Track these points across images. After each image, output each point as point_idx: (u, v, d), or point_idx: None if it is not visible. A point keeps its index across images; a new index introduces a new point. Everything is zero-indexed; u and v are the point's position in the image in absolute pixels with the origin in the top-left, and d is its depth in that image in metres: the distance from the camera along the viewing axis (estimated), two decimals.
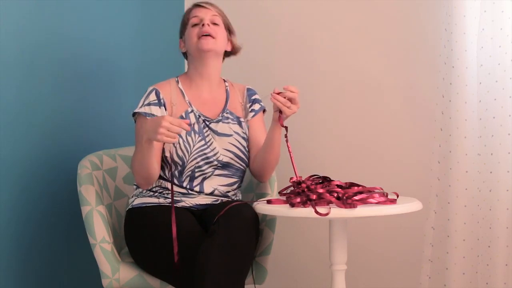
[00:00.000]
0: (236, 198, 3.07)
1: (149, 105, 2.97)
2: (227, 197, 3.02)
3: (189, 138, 2.96)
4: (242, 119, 3.07)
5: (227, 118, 3.04)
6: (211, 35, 2.98)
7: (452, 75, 3.05)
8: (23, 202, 3.10)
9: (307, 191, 2.70)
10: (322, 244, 3.34)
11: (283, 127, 2.90)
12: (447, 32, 3.07)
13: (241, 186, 3.14)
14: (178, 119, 2.71)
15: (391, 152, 3.42)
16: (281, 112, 2.86)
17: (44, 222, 3.17)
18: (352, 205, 2.60)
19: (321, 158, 3.54)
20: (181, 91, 3.03)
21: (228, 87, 3.10)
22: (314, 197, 2.66)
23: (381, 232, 3.44)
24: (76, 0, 3.27)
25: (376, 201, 2.66)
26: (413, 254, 3.30)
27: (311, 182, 2.77)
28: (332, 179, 2.84)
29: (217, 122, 3.02)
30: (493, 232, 2.99)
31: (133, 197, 3.03)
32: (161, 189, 2.99)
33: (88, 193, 2.97)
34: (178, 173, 2.97)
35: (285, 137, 2.89)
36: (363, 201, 2.65)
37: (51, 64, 3.19)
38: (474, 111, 3.04)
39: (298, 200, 2.66)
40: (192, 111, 3.01)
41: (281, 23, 3.62)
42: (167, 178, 2.98)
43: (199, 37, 2.99)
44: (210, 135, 3.00)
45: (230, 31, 3.08)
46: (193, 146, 2.96)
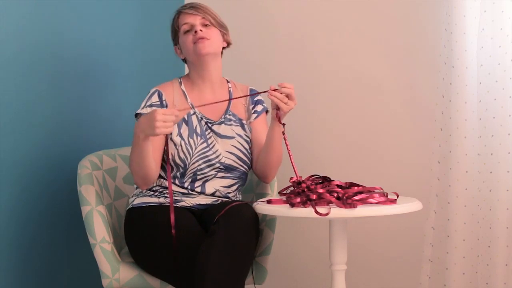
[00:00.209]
0: (236, 198, 3.07)
1: (151, 106, 2.96)
2: (228, 198, 3.02)
3: (191, 140, 2.96)
4: (244, 121, 3.06)
5: (230, 120, 3.03)
6: (205, 38, 2.97)
7: (452, 75, 3.05)
8: (23, 202, 3.10)
9: (307, 191, 2.70)
10: (322, 244, 3.34)
11: (281, 124, 2.89)
12: (447, 32, 3.07)
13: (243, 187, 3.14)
14: (169, 109, 2.73)
15: (391, 152, 3.42)
16: (278, 109, 2.86)
17: (44, 222, 3.17)
18: (352, 205, 2.60)
19: (321, 158, 3.54)
20: (184, 92, 3.03)
21: (231, 88, 3.09)
22: (314, 197, 2.66)
23: (381, 232, 3.44)
24: (76, 0, 3.27)
25: (376, 201, 2.66)
26: (413, 254, 3.30)
27: (311, 182, 2.77)
28: (332, 179, 2.84)
29: (220, 124, 3.02)
30: (493, 232, 2.99)
31: (133, 196, 3.03)
32: (161, 189, 2.98)
33: (88, 193, 2.97)
34: (180, 175, 2.97)
35: (283, 134, 2.89)
36: (363, 201, 2.65)
37: (51, 64, 3.19)
38: (474, 111, 3.04)
39: (298, 200, 2.66)
40: (194, 113, 3.00)
41: (281, 23, 3.62)
42: (166, 177, 2.98)
43: (194, 42, 2.98)
44: (212, 137, 2.99)
45: (222, 27, 3.05)
46: (195, 148, 2.96)
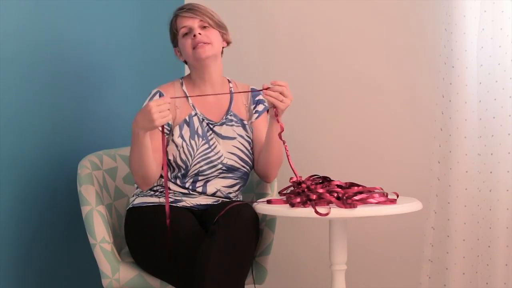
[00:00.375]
0: (237, 199, 3.07)
1: None
2: (229, 198, 3.02)
3: (192, 142, 2.96)
4: (246, 122, 3.05)
5: (231, 120, 3.03)
6: (205, 43, 2.96)
7: (452, 75, 3.05)
8: (23, 202, 3.10)
9: (307, 191, 2.70)
10: (322, 244, 3.34)
11: (279, 122, 2.88)
12: (447, 32, 3.07)
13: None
14: (159, 99, 2.75)
15: (391, 152, 3.42)
16: (275, 107, 2.85)
17: (44, 222, 3.17)
18: (352, 205, 2.60)
19: (321, 158, 3.54)
20: (185, 93, 3.02)
21: (232, 89, 3.09)
22: (314, 197, 2.66)
23: (381, 232, 3.44)
24: (76, 0, 3.27)
25: (376, 201, 2.66)
26: (413, 254, 3.30)
27: (311, 182, 2.77)
28: (332, 179, 2.84)
29: (221, 125, 3.01)
30: (493, 232, 2.99)
31: (133, 196, 3.03)
32: (162, 189, 2.98)
33: (88, 193, 2.97)
34: (181, 176, 2.97)
35: (279, 134, 2.88)
36: (363, 201, 2.65)
37: (51, 64, 3.19)
38: (474, 111, 3.04)
39: (298, 200, 2.66)
40: (195, 114, 3.00)
41: (281, 23, 3.62)
42: (168, 178, 2.97)
43: (193, 47, 2.96)
44: (214, 139, 2.99)
45: (221, 28, 3.03)
46: (197, 150, 2.95)
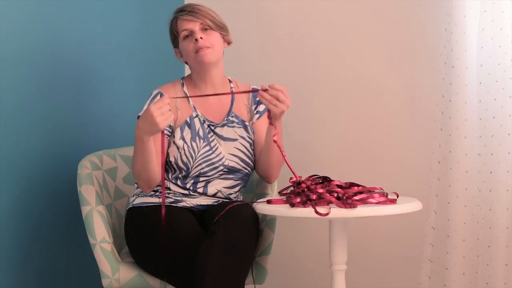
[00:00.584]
0: (238, 199, 3.07)
1: None
2: (229, 198, 3.02)
3: (193, 143, 2.95)
4: (247, 123, 3.05)
5: (232, 122, 3.02)
6: (206, 47, 2.94)
7: (452, 75, 3.05)
8: (23, 202, 3.10)
9: (307, 191, 2.70)
10: (322, 244, 3.34)
11: (271, 125, 2.87)
12: (447, 32, 3.07)
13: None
14: (158, 101, 2.73)
15: (391, 152, 3.42)
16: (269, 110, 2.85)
17: (44, 222, 3.17)
18: (352, 205, 2.60)
19: (321, 158, 3.54)
20: (186, 95, 3.02)
21: (233, 89, 3.08)
22: (314, 197, 2.66)
23: (381, 232, 3.44)
24: (75, 0, 3.27)
25: (376, 201, 2.66)
26: (413, 254, 3.30)
27: (311, 182, 2.77)
28: (332, 179, 2.84)
29: (222, 126, 3.01)
30: (493, 232, 2.99)
31: (134, 196, 3.03)
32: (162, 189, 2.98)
33: (88, 193, 2.97)
34: (182, 177, 2.96)
35: (273, 136, 2.85)
36: (363, 201, 2.65)
37: (51, 64, 3.19)
38: (474, 111, 3.04)
39: (298, 200, 2.66)
40: (196, 115, 2.99)
41: (281, 23, 3.62)
42: (168, 179, 2.98)
43: (196, 51, 2.94)
44: (215, 140, 2.98)
45: (222, 29, 3.00)
46: (198, 152, 2.95)
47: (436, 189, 3.13)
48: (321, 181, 2.81)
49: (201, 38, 2.93)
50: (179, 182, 2.97)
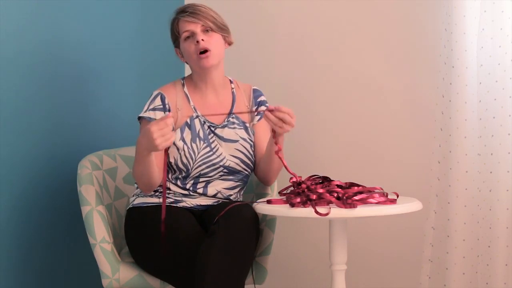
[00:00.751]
0: (237, 199, 3.07)
1: (154, 110, 2.94)
2: (229, 199, 3.02)
3: (193, 145, 2.95)
4: (248, 124, 3.04)
5: (233, 123, 3.02)
6: (208, 50, 2.92)
7: (452, 75, 3.05)
8: (23, 202, 3.10)
9: (307, 191, 2.70)
10: (322, 244, 3.35)
11: (275, 144, 2.85)
12: (447, 32, 3.07)
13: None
14: (160, 121, 2.65)
15: (391, 152, 3.42)
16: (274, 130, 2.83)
17: (44, 222, 3.17)
18: (352, 205, 2.60)
19: (321, 158, 3.54)
20: (187, 95, 3.02)
21: (234, 89, 3.07)
22: (314, 197, 2.66)
23: (381, 232, 3.44)
24: (75, 0, 3.27)
25: (376, 201, 2.67)
26: (413, 254, 3.30)
27: (311, 182, 2.77)
28: (332, 179, 2.84)
29: (223, 127, 3.00)
30: (493, 232, 2.99)
31: (133, 196, 3.03)
32: (162, 189, 2.98)
33: (88, 193, 2.97)
34: (182, 177, 2.96)
35: (276, 153, 2.84)
36: (363, 201, 2.65)
37: (51, 64, 3.19)
38: (474, 111, 3.04)
39: (298, 200, 2.66)
40: (197, 116, 2.99)
41: (281, 23, 3.62)
42: (168, 179, 2.97)
43: (197, 53, 2.92)
44: (215, 141, 2.98)
45: (223, 31, 2.99)
46: (198, 153, 2.95)
47: (436, 189, 3.13)
48: (321, 181, 2.81)
49: (202, 40, 2.92)
50: (179, 182, 2.97)
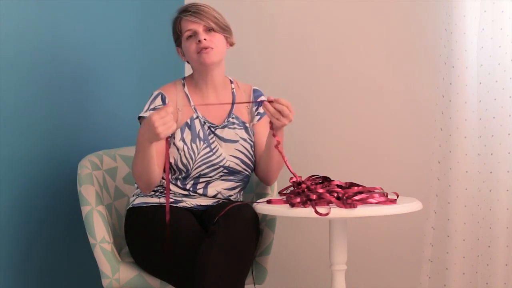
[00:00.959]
0: (237, 199, 3.07)
1: (155, 110, 2.94)
2: (229, 199, 3.02)
3: (193, 145, 2.95)
4: (248, 124, 3.04)
5: (233, 123, 3.02)
6: (209, 48, 2.93)
7: (452, 75, 3.05)
8: (23, 202, 3.10)
9: (307, 191, 2.70)
10: (322, 244, 3.34)
11: (273, 136, 2.87)
12: (447, 32, 3.07)
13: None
14: (161, 110, 2.68)
15: (391, 152, 3.42)
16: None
17: (44, 222, 3.17)
18: (352, 205, 2.60)
19: (321, 158, 3.54)
20: (187, 95, 3.02)
21: (234, 90, 3.07)
22: (314, 197, 2.66)
23: (381, 232, 3.44)
24: (75, 0, 3.27)
25: (376, 201, 2.66)
26: (413, 254, 3.30)
27: (311, 182, 2.77)
28: (332, 179, 2.84)
29: (223, 128, 3.00)
30: (493, 232, 2.99)
31: (134, 196, 3.03)
32: (162, 189, 2.98)
33: (88, 193, 2.97)
34: (182, 178, 2.96)
35: (275, 146, 2.84)
36: (363, 201, 2.65)
37: (51, 64, 3.19)
38: (474, 111, 3.04)
39: (298, 200, 2.66)
40: (197, 117, 2.99)
41: (281, 23, 3.62)
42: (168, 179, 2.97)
43: (198, 52, 2.93)
44: (215, 142, 2.98)
45: (225, 31, 3.00)
46: (198, 153, 2.95)
47: (436, 189, 3.13)
48: (321, 181, 2.81)
49: (204, 39, 2.93)
50: (179, 182, 2.97)
